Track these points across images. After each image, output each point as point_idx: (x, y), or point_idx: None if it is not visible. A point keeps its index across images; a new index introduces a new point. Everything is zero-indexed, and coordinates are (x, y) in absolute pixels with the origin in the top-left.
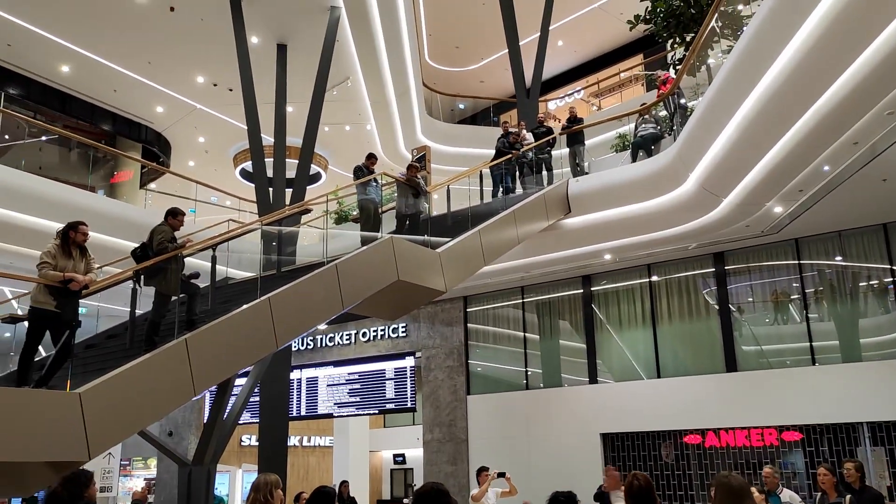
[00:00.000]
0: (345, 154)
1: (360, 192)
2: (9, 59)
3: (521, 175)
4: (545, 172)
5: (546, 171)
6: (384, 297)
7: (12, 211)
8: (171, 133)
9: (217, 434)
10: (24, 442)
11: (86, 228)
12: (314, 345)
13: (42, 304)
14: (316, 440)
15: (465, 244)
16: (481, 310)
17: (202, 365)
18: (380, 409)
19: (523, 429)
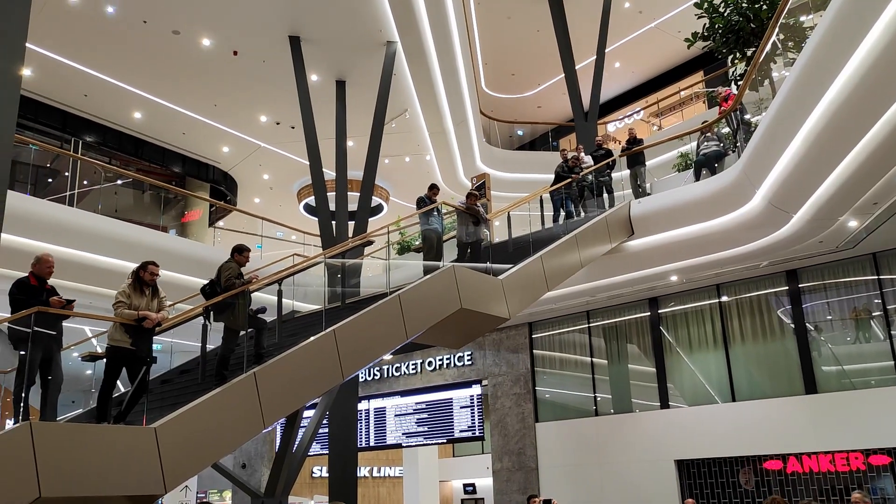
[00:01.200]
0: (405, 185)
1: (422, 223)
2: (86, 109)
3: (582, 199)
4: (606, 195)
5: (607, 194)
6: (448, 325)
7: (92, 253)
8: (237, 172)
9: (287, 466)
10: (105, 476)
11: (155, 268)
12: (381, 375)
13: (118, 342)
14: (386, 470)
15: (527, 270)
16: (547, 335)
17: (271, 398)
18: (448, 439)
19: (594, 456)
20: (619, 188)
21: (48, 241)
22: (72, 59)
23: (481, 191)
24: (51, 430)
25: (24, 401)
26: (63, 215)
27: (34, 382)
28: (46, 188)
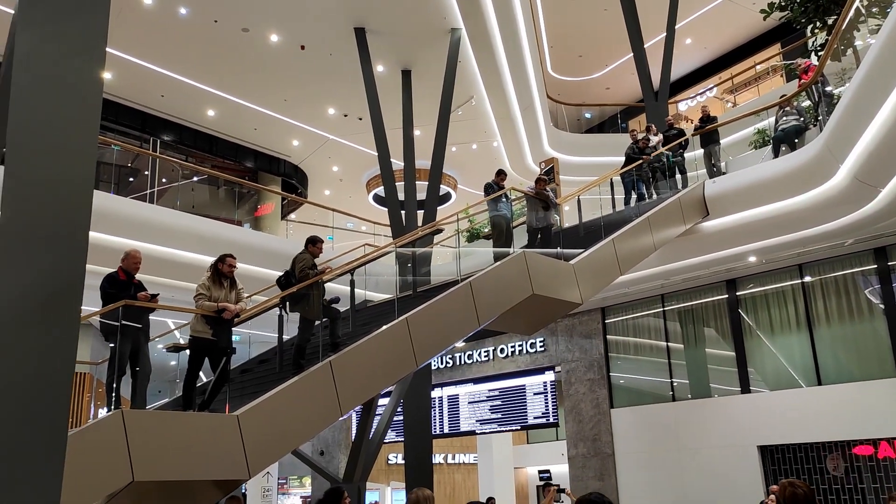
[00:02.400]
0: (473, 172)
1: (491, 209)
2: (162, 109)
3: (654, 180)
4: (679, 176)
5: (679, 175)
6: (520, 311)
7: (172, 248)
8: (307, 165)
9: (364, 452)
10: (192, 461)
11: (232, 260)
12: (453, 363)
13: (200, 332)
14: (460, 457)
15: (598, 254)
16: (620, 320)
17: (347, 385)
18: (522, 425)
19: (672, 442)
20: (692, 168)
21: (132, 238)
22: (148, 60)
23: (550, 175)
24: (141, 417)
25: (116, 390)
26: (144, 213)
27: (125, 373)
28: (128, 187)
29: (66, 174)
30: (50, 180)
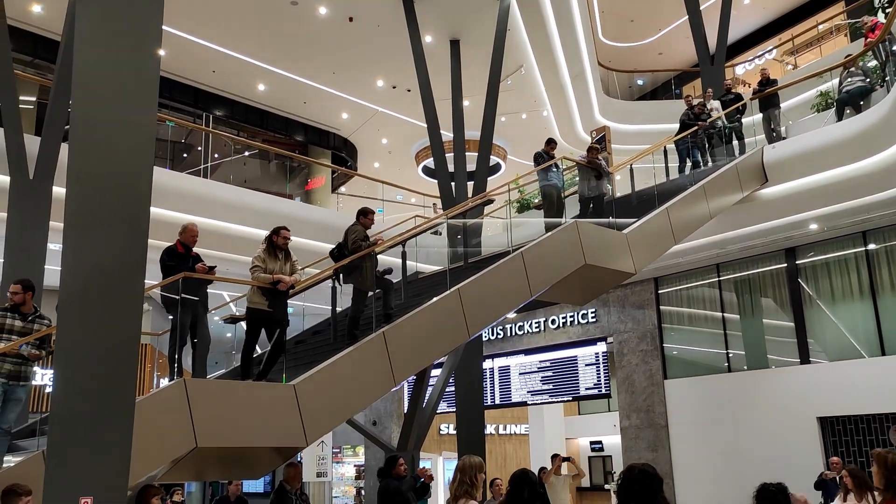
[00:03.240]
0: (522, 142)
1: (541, 179)
2: (214, 84)
3: (710, 147)
4: (736, 142)
5: (737, 141)
6: (572, 282)
7: (225, 222)
8: (356, 137)
9: (417, 422)
10: (252, 429)
11: (287, 232)
12: (504, 334)
13: (256, 304)
14: (512, 428)
15: (652, 224)
16: (674, 290)
17: (400, 356)
18: (573, 396)
19: (728, 413)
20: (749, 134)
21: (187, 212)
22: (200, 36)
23: (602, 144)
24: (202, 386)
25: (178, 361)
26: (199, 187)
27: (185, 343)
28: (182, 163)
29: (127, 150)
30: (112, 156)
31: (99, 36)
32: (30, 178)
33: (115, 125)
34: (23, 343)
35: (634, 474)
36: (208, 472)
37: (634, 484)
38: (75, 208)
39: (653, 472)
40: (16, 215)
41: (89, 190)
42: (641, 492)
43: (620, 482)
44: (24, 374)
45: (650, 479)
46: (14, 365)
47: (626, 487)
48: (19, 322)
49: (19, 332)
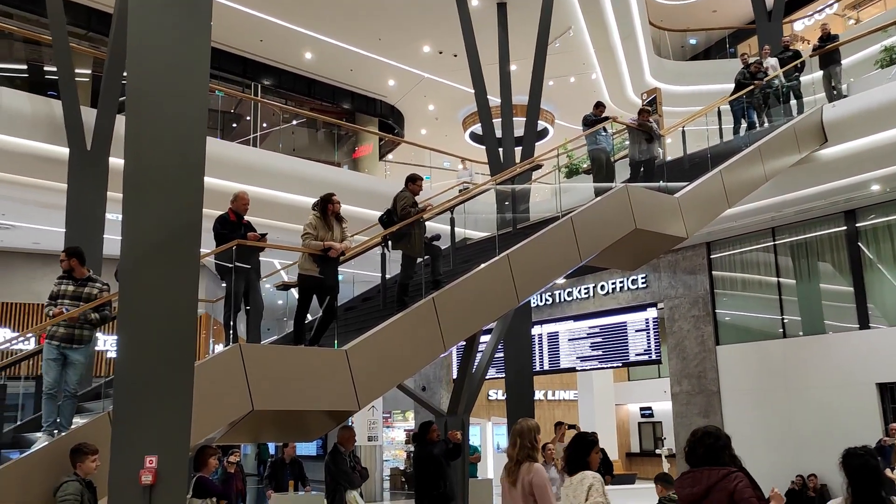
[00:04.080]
0: (571, 107)
1: (590, 143)
2: (261, 53)
3: (766, 107)
4: (794, 101)
5: (795, 100)
6: (622, 247)
7: (274, 190)
8: (403, 104)
9: (468, 386)
10: (306, 393)
11: (337, 199)
12: (553, 300)
13: (308, 270)
14: (560, 394)
15: (705, 187)
16: (727, 255)
17: (449, 321)
18: (623, 362)
19: (782, 379)
20: (808, 93)
21: (238, 181)
22: (247, 5)
23: (653, 106)
24: (257, 351)
25: (233, 327)
26: (249, 157)
27: (240, 310)
28: (232, 132)
29: (181, 120)
30: (167, 126)
31: (152, 7)
32: (87, 150)
33: (168, 96)
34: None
35: (699, 437)
36: (264, 435)
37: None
38: (133, 178)
39: (717, 433)
40: (76, 186)
41: (146, 160)
42: (707, 454)
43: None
44: (77, 338)
45: (715, 439)
46: (67, 328)
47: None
48: (72, 287)
49: (71, 296)
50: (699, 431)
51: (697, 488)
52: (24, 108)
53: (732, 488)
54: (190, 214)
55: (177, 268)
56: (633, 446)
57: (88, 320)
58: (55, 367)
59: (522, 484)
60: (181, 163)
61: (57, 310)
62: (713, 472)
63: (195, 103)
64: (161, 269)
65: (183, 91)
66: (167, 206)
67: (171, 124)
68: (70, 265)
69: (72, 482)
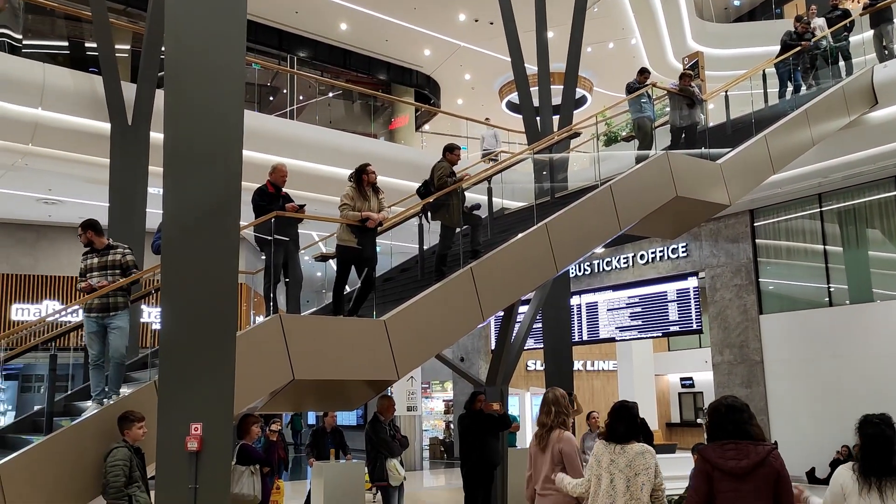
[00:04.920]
0: (609, 73)
1: (633, 110)
2: (297, 25)
3: (813, 69)
4: (842, 62)
5: (843, 61)
6: (662, 215)
7: (312, 163)
8: (438, 74)
9: (506, 356)
10: (346, 362)
11: (373, 168)
12: (591, 270)
13: (346, 241)
14: (599, 364)
15: (749, 153)
16: (771, 223)
17: (488, 291)
18: (663, 332)
19: (828, 349)
20: (857, 54)
21: (276, 154)
22: None
23: (695, 71)
24: (297, 321)
25: (273, 297)
26: (287, 129)
27: (279, 281)
28: (269, 105)
29: (219, 93)
30: (205, 99)
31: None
32: (129, 125)
33: (206, 69)
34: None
35: (723, 412)
36: (305, 404)
37: (728, 423)
38: (173, 151)
39: (742, 406)
40: (118, 161)
41: (185, 132)
42: (736, 429)
43: (708, 421)
44: (112, 305)
45: (740, 412)
46: (101, 300)
47: (720, 425)
48: (96, 258)
49: (98, 267)
50: (722, 406)
51: (745, 462)
52: (67, 85)
53: (779, 466)
54: (230, 186)
55: (217, 239)
56: (674, 417)
57: (121, 287)
58: (97, 340)
59: (552, 450)
60: (220, 135)
61: (85, 284)
62: (759, 448)
63: (233, 76)
64: (202, 240)
65: (220, 64)
66: (207, 178)
67: (209, 97)
68: (88, 238)
69: (121, 448)
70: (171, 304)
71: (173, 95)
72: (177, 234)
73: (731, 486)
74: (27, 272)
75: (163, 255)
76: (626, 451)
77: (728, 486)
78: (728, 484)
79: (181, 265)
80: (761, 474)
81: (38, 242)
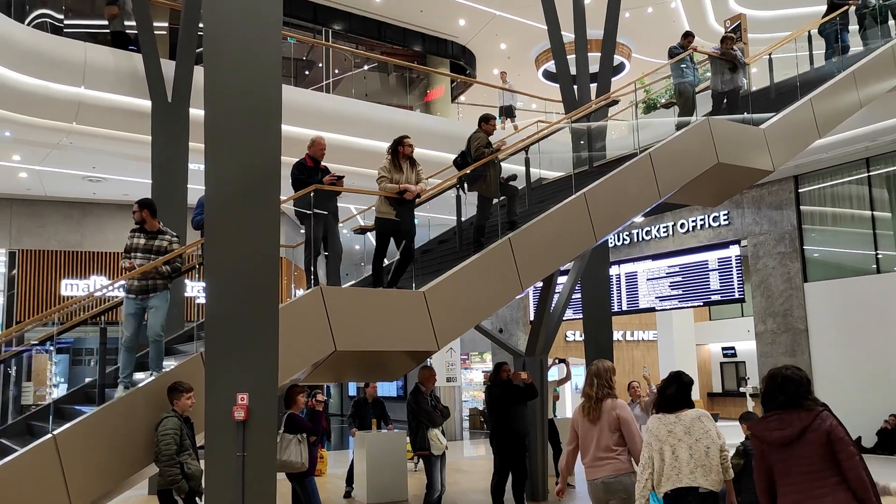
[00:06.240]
0: (648, 39)
1: (675, 75)
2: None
3: (862, 28)
4: (892, 21)
5: (893, 20)
6: (704, 182)
7: (348, 136)
8: (474, 45)
9: (546, 327)
10: (386, 333)
11: (410, 141)
12: (630, 240)
13: (384, 214)
14: (639, 334)
15: (793, 117)
16: (816, 189)
17: (526, 262)
18: (704, 302)
19: (876, 316)
20: None
21: (312, 128)
22: None
23: (737, 34)
24: (338, 293)
25: (314, 269)
26: (323, 103)
27: (319, 253)
28: (305, 79)
29: (257, 67)
30: (243, 74)
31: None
32: (169, 102)
33: (243, 43)
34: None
35: (779, 383)
36: (347, 375)
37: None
38: (213, 126)
39: (798, 378)
40: (159, 138)
41: (225, 108)
42: (788, 401)
43: (765, 389)
44: (152, 288)
45: (797, 385)
46: (141, 281)
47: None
48: (143, 240)
49: (143, 248)
50: (779, 376)
51: (789, 430)
52: (108, 63)
53: (828, 427)
54: (270, 159)
55: (259, 212)
56: (715, 386)
57: (160, 273)
58: (133, 322)
59: (608, 419)
60: (259, 109)
61: (129, 263)
62: (804, 414)
63: (269, 49)
64: (244, 214)
65: (257, 38)
66: (248, 152)
67: (247, 71)
68: (142, 217)
69: (171, 418)
70: (215, 278)
71: (212, 70)
72: (219, 209)
73: (779, 456)
74: (75, 248)
75: (206, 230)
76: (682, 418)
77: (777, 457)
78: (777, 455)
79: (224, 239)
80: (809, 440)
81: (84, 219)
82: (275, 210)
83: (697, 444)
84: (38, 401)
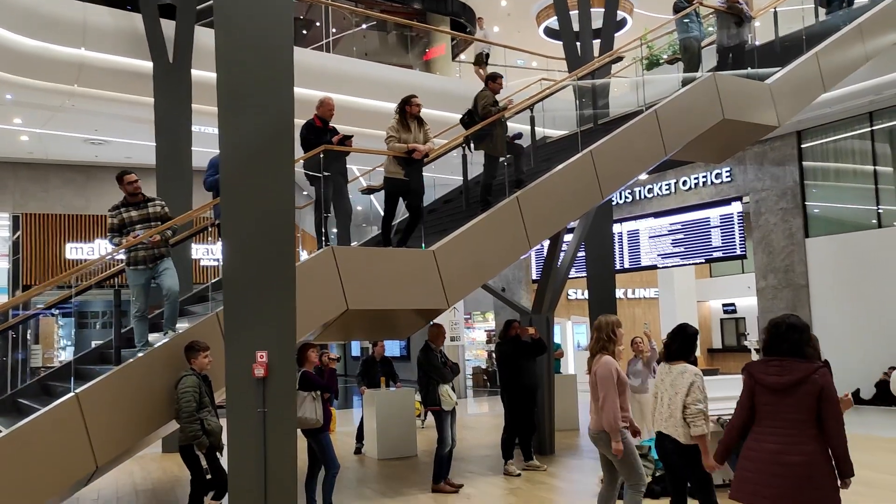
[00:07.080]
0: None
1: (680, 30)
2: None
3: None
4: None
5: None
6: (709, 139)
7: (350, 96)
8: (474, 1)
9: (552, 284)
10: (396, 291)
11: (417, 100)
12: (633, 198)
13: (393, 173)
14: (641, 292)
15: (798, 71)
16: (819, 144)
17: (534, 219)
18: (706, 258)
19: (876, 271)
20: None
21: (313, 88)
22: None
23: None
24: (348, 252)
25: (325, 229)
26: (323, 63)
27: (329, 213)
28: (304, 39)
29: (267, 27)
30: (254, 36)
31: None
32: (170, 62)
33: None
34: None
35: (783, 331)
36: (356, 334)
37: (783, 342)
38: (226, 89)
39: (801, 326)
40: (162, 99)
41: (237, 70)
42: (791, 350)
43: (767, 338)
44: (160, 254)
45: (799, 333)
46: (147, 251)
47: (775, 345)
48: (135, 212)
49: (138, 220)
50: (783, 324)
51: (786, 378)
52: (108, 24)
53: (823, 384)
54: (282, 119)
55: (274, 172)
56: (716, 342)
57: (164, 237)
58: (143, 292)
59: (595, 374)
60: (272, 68)
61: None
62: (803, 365)
63: (280, 6)
64: (259, 174)
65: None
66: (261, 112)
67: (258, 32)
68: (136, 188)
69: (190, 376)
70: (232, 238)
71: (224, 33)
72: (235, 169)
73: (770, 399)
74: (79, 212)
75: (221, 191)
76: (672, 370)
77: (767, 400)
78: (768, 397)
79: (240, 199)
80: (803, 391)
81: (88, 183)
82: (289, 168)
83: (676, 396)
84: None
